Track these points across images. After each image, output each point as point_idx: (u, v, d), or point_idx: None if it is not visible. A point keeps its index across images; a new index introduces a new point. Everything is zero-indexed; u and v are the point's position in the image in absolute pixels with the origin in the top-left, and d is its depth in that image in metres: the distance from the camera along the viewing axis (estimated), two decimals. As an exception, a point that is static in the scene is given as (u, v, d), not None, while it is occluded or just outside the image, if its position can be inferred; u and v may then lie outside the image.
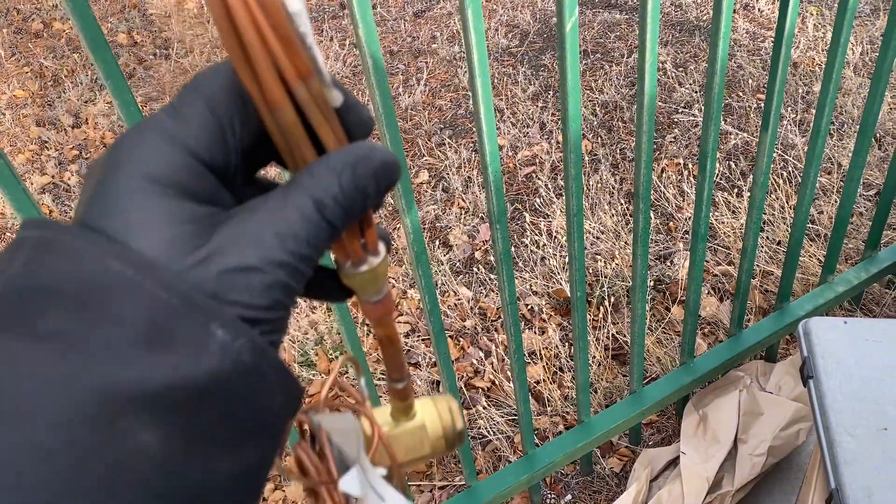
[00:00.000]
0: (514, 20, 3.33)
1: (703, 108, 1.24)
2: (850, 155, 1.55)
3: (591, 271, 2.07)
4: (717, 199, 2.21)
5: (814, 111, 1.40)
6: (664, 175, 2.37)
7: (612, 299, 1.99)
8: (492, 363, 1.89)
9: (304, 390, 0.30)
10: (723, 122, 2.52)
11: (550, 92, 2.85)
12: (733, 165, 2.35)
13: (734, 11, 3.15)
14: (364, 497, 0.37)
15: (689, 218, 2.17)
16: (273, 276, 0.27)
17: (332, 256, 0.34)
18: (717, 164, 2.36)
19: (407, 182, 1.03)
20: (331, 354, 1.90)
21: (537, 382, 1.83)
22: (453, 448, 0.48)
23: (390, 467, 0.40)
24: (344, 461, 0.39)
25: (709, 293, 1.98)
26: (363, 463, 0.38)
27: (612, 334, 1.90)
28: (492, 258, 2.18)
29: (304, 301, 2.02)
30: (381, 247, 0.34)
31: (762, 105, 2.17)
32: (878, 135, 2.34)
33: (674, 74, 2.81)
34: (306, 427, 0.42)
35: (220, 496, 0.25)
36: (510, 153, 2.58)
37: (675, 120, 2.59)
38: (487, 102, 0.98)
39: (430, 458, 0.47)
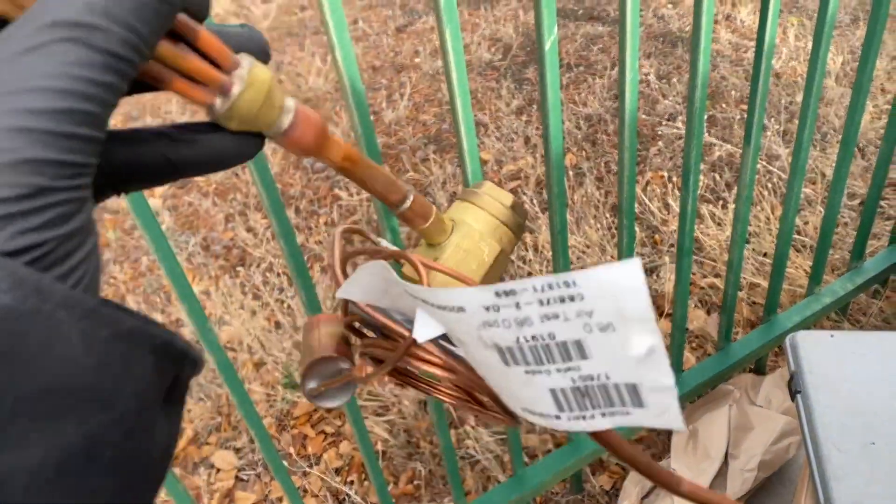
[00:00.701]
0: (497, 34, 3.33)
1: (685, 121, 1.24)
2: (834, 165, 1.54)
3: (577, 286, 2.06)
4: (702, 212, 2.20)
5: (797, 122, 1.40)
6: (649, 188, 2.36)
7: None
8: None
9: (175, 335, 0.23)
10: (707, 134, 2.52)
11: (534, 106, 2.84)
12: (718, 177, 2.35)
13: (716, 22, 3.16)
14: (445, 326, 0.31)
15: (675, 231, 2.16)
16: (16, 142, 0.18)
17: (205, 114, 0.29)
18: (702, 177, 2.35)
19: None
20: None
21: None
22: (522, 228, 0.44)
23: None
24: (409, 318, 0.33)
25: (696, 306, 1.97)
26: (419, 294, 0.30)
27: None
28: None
29: (287, 318, 2.00)
30: (242, 56, 0.29)
31: (746, 116, 2.17)
32: (861, 144, 2.34)
33: (657, 86, 2.81)
34: (353, 324, 0.38)
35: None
36: (495, 167, 2.57)
37: (660, 132, 2.58)
38: (468, 122, 0.97)
39: (506, 253, 0.43)
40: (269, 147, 2.54)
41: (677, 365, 1.56)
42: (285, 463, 1.41)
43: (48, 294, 0.18)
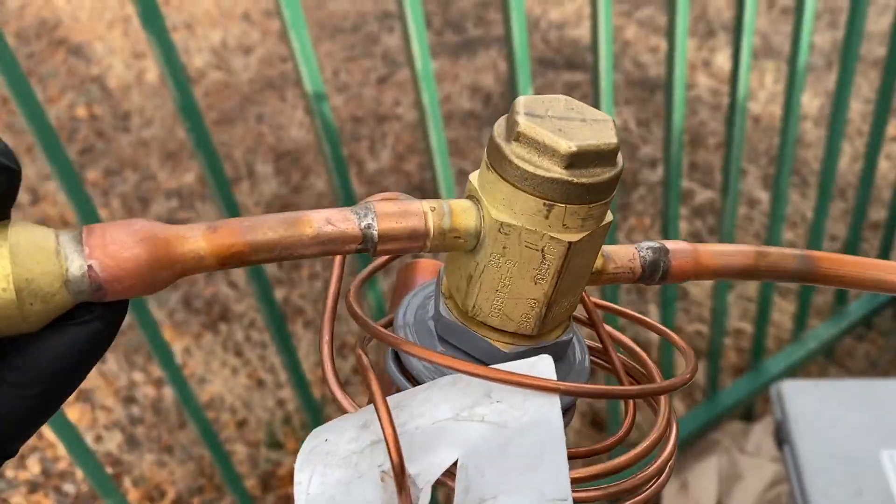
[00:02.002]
0: (477, 83, 3.36)
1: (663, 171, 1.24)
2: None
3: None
4: (685, 257, 2.20)
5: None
6: (633, 234, 2.36)
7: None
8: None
9: None
10: (688, 180, 2.54)
11: (516, 153, 2.85)
12: (700, 224, 2.35)
13: (694, 68, 3.20)
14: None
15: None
16: None
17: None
18: (685, 223, 2.36)
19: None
20: (299, 433, 1.85)
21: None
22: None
23: None
24: None
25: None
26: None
27: (587, 401, 1.87)
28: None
29: (269, 376, 1.97)
30: None
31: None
32: (841, 187, 2.36)
33: (637, 133, 2.83)
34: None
35: None
36: (478, 216, 2.57)
37: (640, 179, 2.60)
38: (445, 173, 0.96)
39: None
40: (250, 199, 2.54)
41: (665, 415, 1.54)
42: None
43: None
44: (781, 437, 1.13)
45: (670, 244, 0.37)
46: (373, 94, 3.39)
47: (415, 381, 0.33)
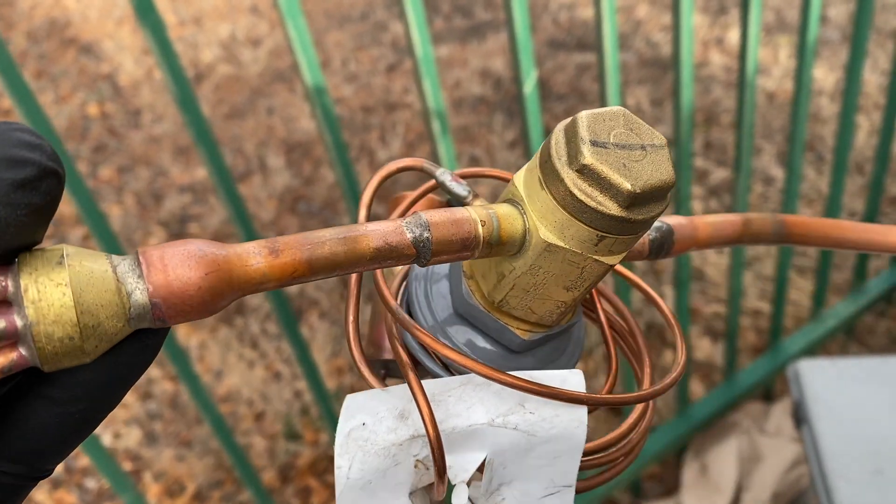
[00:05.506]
0: (488, 68, 3.33)
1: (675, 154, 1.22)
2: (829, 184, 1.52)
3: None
4: (701, 237, 2.18)
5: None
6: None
7: (603, 350, 1.95)
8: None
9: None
10: (703, 160, 2.51)
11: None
12: (716, 203, 2.33)
13: (707, 46, 3.16)
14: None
15: (674, 260, 2.14)
16: None
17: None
18: (700, 202, 2.33)
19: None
20: (317, 424, 1.85)
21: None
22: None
23: None
24: None
25: (703, 334, 1.94)
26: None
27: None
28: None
29: (286, 368, 1.97)
30: (10, 270, 0.23)
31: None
32: (859, 162, 2.32)
33: (651, 113, 2.80)
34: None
35: None
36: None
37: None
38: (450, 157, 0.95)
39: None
40: (263, 192, 2.54)
41: (684, 398, 1.53)
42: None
43: None
44: (799, 417, 1.12)
45: (671, 220, 0.39)
46: (382, 82, 3.38)
47: (440, 364, 0.34)
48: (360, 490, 0.31)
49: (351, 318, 0.35)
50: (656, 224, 0.39)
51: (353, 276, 0.35)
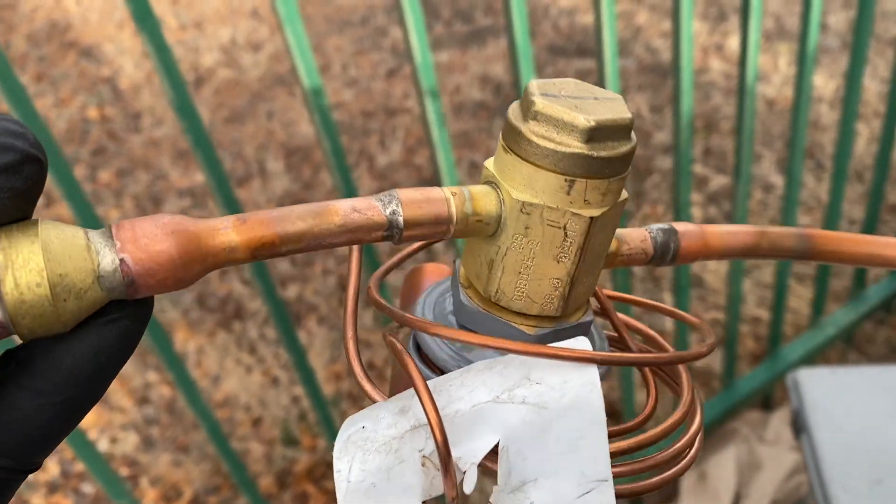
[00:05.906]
0: (488, 74, 3.34)
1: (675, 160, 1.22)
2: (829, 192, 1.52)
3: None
4: (701, 244, 2.17)
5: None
6: (647, 222, 2.34)
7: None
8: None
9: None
10: (703, 166, 2.51)
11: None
12: (715, 210, 2.32)
13: (707, 52, 3.16)
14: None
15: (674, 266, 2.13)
16: None
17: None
18: (699, 209, 2.33)
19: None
20: (314, 430, 1.84)
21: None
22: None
23: None
24: None
25: (701, 341, 1.93)
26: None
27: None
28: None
29: (284, 373, 1.97)
30: None
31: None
32: (859, 169, 2.32)
33: (650, 120, 2.80)
34: None
35: None
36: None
37: (654, 166, 2.57)
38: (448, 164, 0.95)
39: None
40: (262, 196, 2.54)
41: (681, 405, 1.52)
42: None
43: None
44: (798, 426, 1.11)
45: (679, 226, 0.39)
46: (382, 87, 3.38)
47: (439, 371, 0.33)
48: (364, 496, 0.29)
49: (350, 334, 0.34)
50: (661, 226, 0.39)
51: (351, 290, 0.34)
